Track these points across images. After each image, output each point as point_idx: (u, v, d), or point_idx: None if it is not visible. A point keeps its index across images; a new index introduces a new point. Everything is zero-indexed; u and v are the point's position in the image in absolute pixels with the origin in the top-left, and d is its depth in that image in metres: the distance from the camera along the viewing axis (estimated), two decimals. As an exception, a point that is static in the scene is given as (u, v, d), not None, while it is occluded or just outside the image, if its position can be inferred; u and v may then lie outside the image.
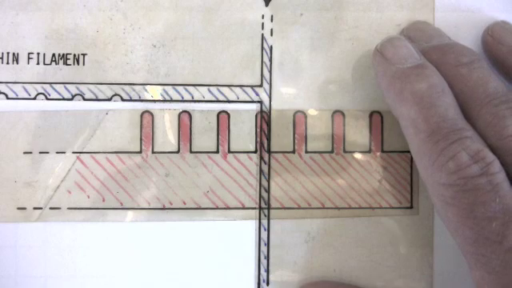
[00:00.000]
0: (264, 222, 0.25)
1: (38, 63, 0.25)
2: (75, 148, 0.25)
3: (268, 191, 0.25)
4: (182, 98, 0.25)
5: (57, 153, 0.25)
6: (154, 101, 0.25)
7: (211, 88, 0.25)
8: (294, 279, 0.25)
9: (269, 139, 0.25)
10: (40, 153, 0.25)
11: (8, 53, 0.25)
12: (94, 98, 0.25)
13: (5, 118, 0.25)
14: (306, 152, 0.25)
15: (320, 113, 0.25)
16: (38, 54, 0.25)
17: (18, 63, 0.25)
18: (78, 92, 0.25)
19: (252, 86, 0.25)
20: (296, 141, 0.25)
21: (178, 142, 0.25)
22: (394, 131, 0.25)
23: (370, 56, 0.25)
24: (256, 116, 0.25)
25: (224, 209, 0.25)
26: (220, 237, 0.25)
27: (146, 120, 0.25)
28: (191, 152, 0.25)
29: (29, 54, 0.25)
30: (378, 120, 0.25)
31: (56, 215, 0.25)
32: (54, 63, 0.25)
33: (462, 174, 0.20)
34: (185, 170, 0.25)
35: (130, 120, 0.25)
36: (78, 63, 0.25)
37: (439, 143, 0.20)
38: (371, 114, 0.25)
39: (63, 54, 0.25)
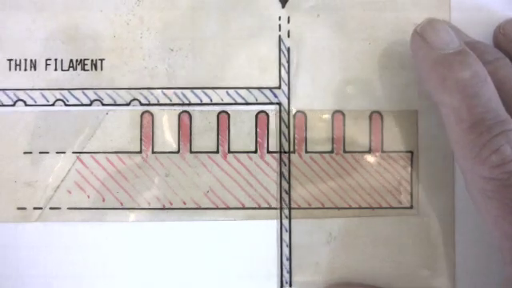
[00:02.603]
0: (285, 222, 0.25)
1: (55, 69, 0.25)
2: (75, 148, 0.25)
3: (289, 192, 0.25)
4: (201, 100, 0.25)
5: (57, 153, 0.25)
6: (173, 104, 0.25)
7: (229, 91, 0.25)
8: (318, 280, 0.25)
9: (289, 141, 0.25)
10: (40, 153, 0.25)
11: (26, 59, 0.25)
12: (113, 103, 0.25)
13: (5, 118, 0.25)
14: (306, 152, 0.25)
15: (322, 112, 0.25)
16: (56, 60, 0.25)
17: (35, 70, 0.25)
18: (96, 97, 0.25)
19: (270, 88, 0.25)
20: (296, 141, 0.25)
21: (178, 142, 0.25)
22: (400, 131, 0.25)
23: (387, 56, 0.25)
24: (256, 116, 0.25)
25: (224, 209, 0.25)
26: (220, 237, 0.25)
27: (146, 120, 0.25)
28: (191, 152, 0.25)
29: (46, 60, 0.25)
30: (379, 120, 0.25)
31: (56, 215, 0.25)
32: (71, 69, 0.25)
33: (506, 169, 0.19)
34: (185, 170, 0.25)
35: (130, 120, 0.25)
36: (96, 68, 0.25)
37: (483, 135, 0.20)
38: (371, 114, 0.25)
39: (81, 60, 0.25)
